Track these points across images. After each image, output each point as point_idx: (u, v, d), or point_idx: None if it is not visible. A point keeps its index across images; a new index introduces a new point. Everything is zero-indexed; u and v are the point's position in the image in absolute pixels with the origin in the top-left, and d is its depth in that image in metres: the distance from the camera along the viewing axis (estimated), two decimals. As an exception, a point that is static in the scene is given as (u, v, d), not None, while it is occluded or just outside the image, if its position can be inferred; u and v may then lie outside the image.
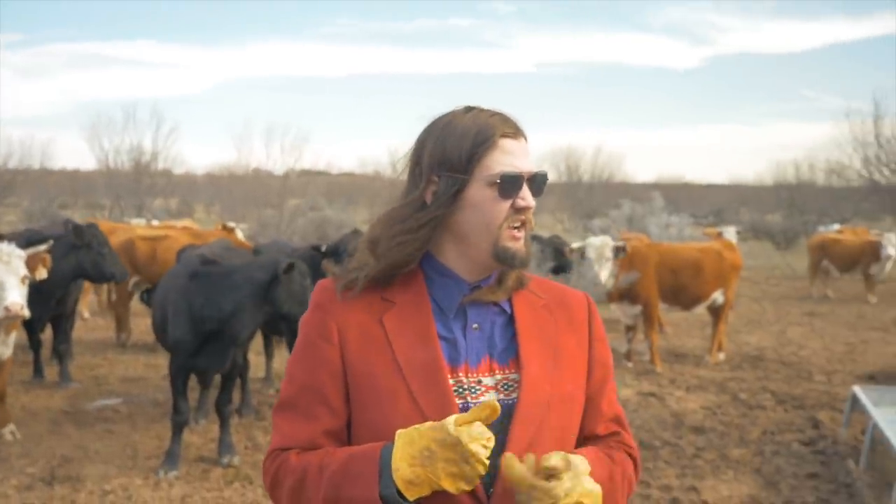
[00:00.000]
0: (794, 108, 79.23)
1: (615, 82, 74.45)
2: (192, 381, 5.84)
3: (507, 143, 1.55)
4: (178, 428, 5.47)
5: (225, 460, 5.56)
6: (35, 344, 7.66)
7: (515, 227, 1.56)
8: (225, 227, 11.26)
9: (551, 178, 2.04)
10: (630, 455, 1.68)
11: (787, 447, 6.08)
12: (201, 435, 6.17)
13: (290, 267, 5.29)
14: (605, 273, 7.98)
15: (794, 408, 7.20)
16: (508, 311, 1.63)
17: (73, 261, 6.88)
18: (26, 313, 5.59)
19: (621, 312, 8.76)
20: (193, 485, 5.23)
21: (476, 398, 1.53)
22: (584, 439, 1.65)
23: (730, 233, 11.25)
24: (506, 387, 1.56)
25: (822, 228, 19.56)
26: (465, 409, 1.51)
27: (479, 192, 1.55)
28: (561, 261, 9.81)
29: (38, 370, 7.74)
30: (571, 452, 1.54)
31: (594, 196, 33.71)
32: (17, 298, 5.51)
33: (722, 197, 44.43)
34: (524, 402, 1.53)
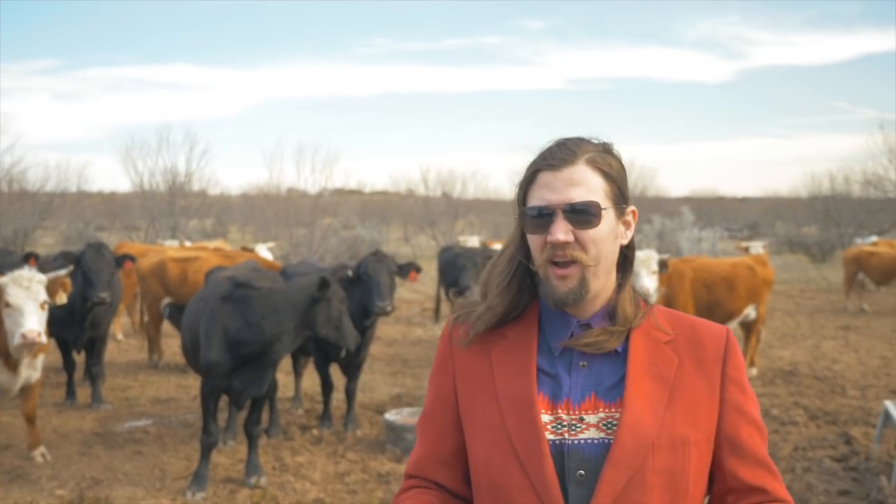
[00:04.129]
0: (827, 120, 78.00)
1: (646, 97, 73.84)
2: (221, 401, 5.87)
3: (542, 177, 1.54)
4: (206, 449, 5.50)
5: (252, 481, 5.59)
6: (69, 366, 7.78)
7: (557, 264, 1.52)
8: (245, 249, 11.35)
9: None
10: None
11: (818, 464, 5.98)
12: (229, 455, 6.21)
13: (325, 283, 5.29)
14: (652, 285, 8.01)
15: (826, 423, 7.09)
16: (622, 348, 1.56)
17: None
18: (43, 340, 5.58)
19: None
20: (220, 506, 5.26)
21: (575, 435, 1.49)
22: (729, 478, 1.55)
23: (756, 248, 11.11)
24: (609, 426, 1.49)
25: (858, 240, 19.24)
26: (558, 446, 1.48)
27: (526, 229, 1.58)
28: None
29: (70, 392, 7.84)
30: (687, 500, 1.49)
31: (627, 211, 33.43)
32: (34, 326, 5.49)
33: (756, 210, 43.95)
34: (620, 443, 1.46)
